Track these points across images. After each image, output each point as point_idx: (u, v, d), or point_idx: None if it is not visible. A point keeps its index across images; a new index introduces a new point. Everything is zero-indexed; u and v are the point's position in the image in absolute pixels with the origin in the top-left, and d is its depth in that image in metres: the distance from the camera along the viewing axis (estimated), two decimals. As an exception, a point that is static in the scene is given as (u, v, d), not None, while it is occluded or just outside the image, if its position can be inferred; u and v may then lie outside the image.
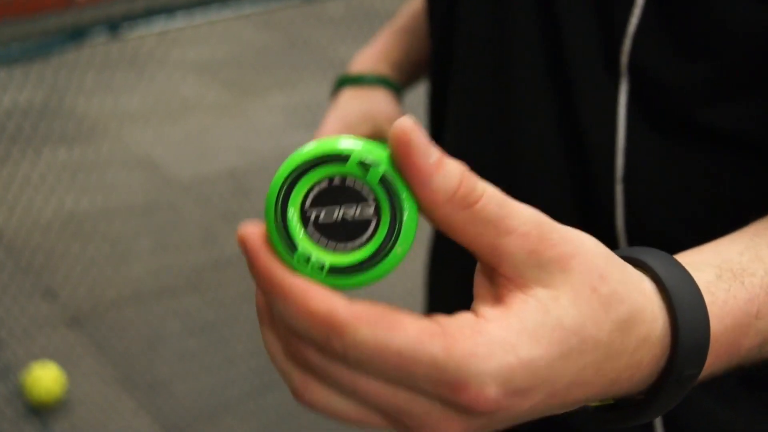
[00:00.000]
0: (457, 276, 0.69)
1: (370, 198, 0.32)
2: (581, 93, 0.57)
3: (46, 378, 1.88)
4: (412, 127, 0.32)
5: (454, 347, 0.31)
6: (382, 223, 0.32)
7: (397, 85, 0.80)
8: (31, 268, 2.41)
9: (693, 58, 0.52)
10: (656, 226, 0.56)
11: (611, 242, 0.56)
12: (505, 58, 0.60)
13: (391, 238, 0.32)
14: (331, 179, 0.32)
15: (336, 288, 0.32)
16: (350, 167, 0.32)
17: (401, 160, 0.32)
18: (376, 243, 0.32)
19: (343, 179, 0.32)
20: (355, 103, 0.77)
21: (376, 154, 0.32)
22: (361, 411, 0.34)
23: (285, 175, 0.32)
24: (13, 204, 2.73)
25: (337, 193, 0.32)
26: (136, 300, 2.25)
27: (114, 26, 1.62)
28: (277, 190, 0.33)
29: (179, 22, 1.70)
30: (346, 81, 0.79)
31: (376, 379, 0.32)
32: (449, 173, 0.32)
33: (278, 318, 0.34)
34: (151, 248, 2.48)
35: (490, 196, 0.33)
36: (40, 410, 1.86)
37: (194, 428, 1.83)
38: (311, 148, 0.32)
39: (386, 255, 0.33)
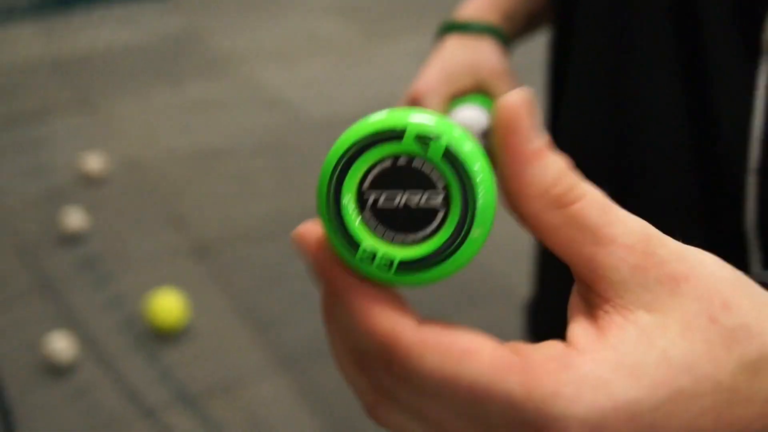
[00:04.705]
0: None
1: (440, 185, 0.28)
2: (714, 74, 0.52)
3: (170, 304, 1.95)
4: (520, 103, 0.28)
5: (535, 385, 0.26)
6: (452, 210, 0.28)
7: (506, 36, 0.75)
8: (162, 196, 2.51)
9: None
10: None
11: (739, 238, 0.53)
12: (629, 36, 0.57)
13: (464, 226, 0.28)
14: (395, 159, 0.28)
15: (404, 285, 0.28)
16: (407, 144, 0.27)
17: (500, 139, 0.28)
18: (446, 233, 0.28)
19: (410, 160, 0.28)
20: (459, 52, 0.72)
21: (438, 127, 0.27)
22: None
23: (340, 153, 0.28)
24: (148, 134, 2.84)
25: (401, 175, 0.28)
26: (258, 237, 2.31)
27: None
28: (330, 171, 0.28)
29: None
30: (451, 27, 0.75)
31: (446, 409, 0.28)
32: (548, 165, 0.28)
33: (343, 329, 0.30)
34: (276, 187, 2.54)
35: (592, 198, 0.28)
36: (159, 335, 1.95)
37: (303, 364, 1.88)
38: (365, 123, 0.28)
39: (461, 244, 0.28)
